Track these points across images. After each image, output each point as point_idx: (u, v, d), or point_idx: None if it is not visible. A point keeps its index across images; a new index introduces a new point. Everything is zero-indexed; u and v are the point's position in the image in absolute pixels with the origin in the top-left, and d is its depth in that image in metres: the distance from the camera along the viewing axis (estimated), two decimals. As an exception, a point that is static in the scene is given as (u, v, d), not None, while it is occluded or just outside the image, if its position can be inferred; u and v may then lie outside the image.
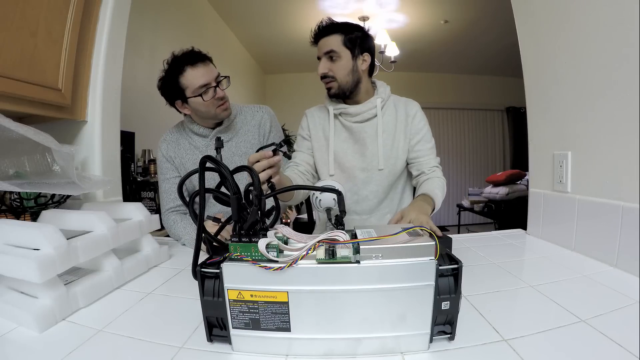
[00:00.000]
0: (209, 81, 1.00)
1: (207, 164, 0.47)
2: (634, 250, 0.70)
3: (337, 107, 1.08)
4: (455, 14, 3.32)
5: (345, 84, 1.02)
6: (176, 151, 1.13)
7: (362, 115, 1.06)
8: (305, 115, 1.17)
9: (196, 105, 1.02)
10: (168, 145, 1.13)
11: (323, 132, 1.11)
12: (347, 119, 1.08)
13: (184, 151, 1.12)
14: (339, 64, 1.00)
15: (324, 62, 1.01)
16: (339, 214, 0.57)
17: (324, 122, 1.11)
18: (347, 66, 1.00)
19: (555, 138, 0.96)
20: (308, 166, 1.12)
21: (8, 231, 0.61)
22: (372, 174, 1.07)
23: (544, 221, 1.00)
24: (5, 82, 0.75)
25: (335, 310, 0.44)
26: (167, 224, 1.12)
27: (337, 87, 1.02)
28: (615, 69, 0.75)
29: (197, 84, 0.99)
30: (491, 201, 3.46)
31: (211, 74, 1.01)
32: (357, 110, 1.05)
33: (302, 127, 1.16)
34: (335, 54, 0.99)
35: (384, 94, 1.08)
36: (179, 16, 2.63)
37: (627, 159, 0.73)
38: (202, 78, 0.99)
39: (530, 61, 1.05)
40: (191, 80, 0.99)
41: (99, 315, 0.59)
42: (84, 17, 0.96)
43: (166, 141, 1.14)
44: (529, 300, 0.62)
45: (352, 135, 1.08)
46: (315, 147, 1.12)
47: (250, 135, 1.16)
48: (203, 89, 0.99)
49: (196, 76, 0.99)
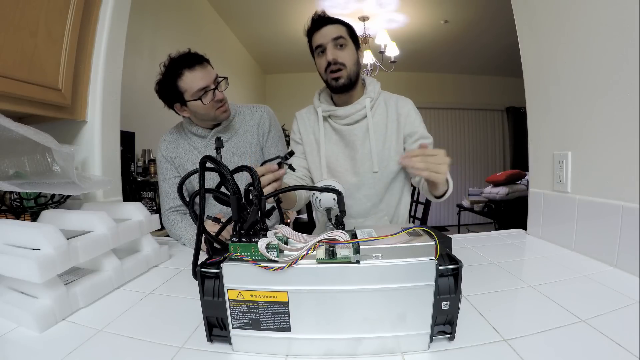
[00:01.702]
0: (208, 84, 0.99)
1: (207, 164, 0.47)
2: (634, 250, 0.70)
3: (325, 110, 1.04)
4: (455, 14, 3.32)
5: (352, 73, 0.98)
6: (175, 151, 1.13)
7: (351, 118, 1.02)
8: (295, 118, 1.14)
9: (195, 108, 1.01)
10: (168, 146, 1.13)
11: (314, 135, 1.08)
12: (336, 121, 1.05)
13: (183, 152, 1.13)
14: (348, 51, 0.97)
15: (331, 49, 0.95)
16: (339, 214, 0.57)
17: (314, 125, 1.08)
18: (354, 56, 0.98)
19: (555, 138, 0.96)
20: (305, 170, 1.10)
21: (8, 231, 0.61)
22: (363, 178, 1.04)
23: (544, 221, 1.00)
24: (5, 82, 0.75)
25: (335, 310, 0.44)
26: (167, 224, 1.12)
27: (347, 76, 0.96)
28: (616, 69, 0.75)
29: (195, 87, 0.98)
30: (491, 201, 3.46)
31: (209, 76, 1.00)
32: (345, 112, 1.02)
33: (293, 131, 1.14)
34: (344, 40, 0.96)
35: (373, 93, 1.03)
36: (179, 16, 2.63)
37: (627, 159, 0.73)
38: (200, 81, 0.98)
39: (530, 61, 1.05)
40: (189, 84, 0.98)
41: (99, 315, 0.59)
42: (84, 17, 0.96)
43: (166, 141, 1.14)
44: (529, 300, 0.62)
45: (342, 139, 1.05)
46: (307, 151, 1.09)
47: (249, 135, 1.15)
48: (202, 92, 0.98)
49: (194, 79, 0.97)
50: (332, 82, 0.98)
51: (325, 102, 1.07)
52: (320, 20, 0.98)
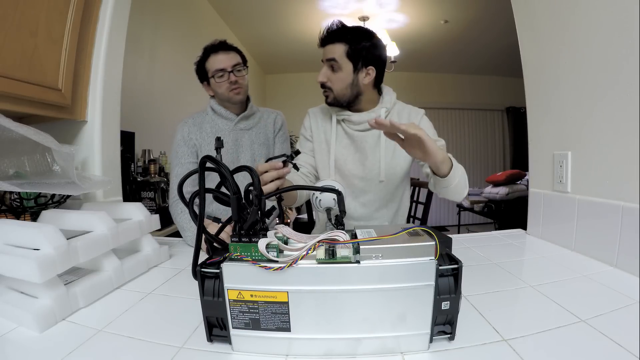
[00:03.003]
0: (226, 67, 1.14)
1: (207, 164, 0.47)
2: (634, 250, 0.70)
3: (340, 113, 1.06)
4: (455, 14, 3.32)
5: (341, 96, 1.00)
6: (199, 133, 1.18)
7: (364, 125, 1.03)
8: (308, 114, 1.16)
9: (214, 86, 1.17)
10: (190, 128, 1.18)
11: (324, 135, 1.10)
12: (349, 126, 1.06)
13: (206, 134, 1.19)
14: (339, 75, 0.97)
15: (324, 70, 0.99)
16: (339, 214, 0.56)
17: (326, 125, 1.10)
18: (347, 79, 0.97)
19: (555, 138, 0.96)
20: (310, 167, 1.11)
21: (8, 231, 0.61)
22: (370, 184, 1.06)
23: (544, 221, 1.00)
24: (5, 82, 0.75)
25: (335, 310, 0.44)
26: (174, 212, 1.12)
27: (333, 97, 1.01)
28: (616, 69, 0.75)
29: (214, 67, 1.14)
30: (491, 201, 3.46)
31: (229, 61, 1.14)
32: (359, 118, 1.03)
33: (304, 126, 1.15)
34: (336, 64, 0.96)
35: (389, 103, 1.05)
36: (179, 16, 2.63)
37: (627, 159, 0.73)
38: (220, 63, 1.14)
39: (530, 61, 1.05)
40: (211, 65, 1.15)
41: (99, 315, 0.59)
42: (84, 17, 0.96)
43: (188, 124, 1.19)
44: (529, 300, 0.62)
45: (353, 143, 1.06)
46: (316, 149, 1.11)
47: (268, 129, 1.28)
48: (219, 72, 1.13)
49: (215, 61, 1.15)
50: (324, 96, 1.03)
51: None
52: (325, 37, 0.98)
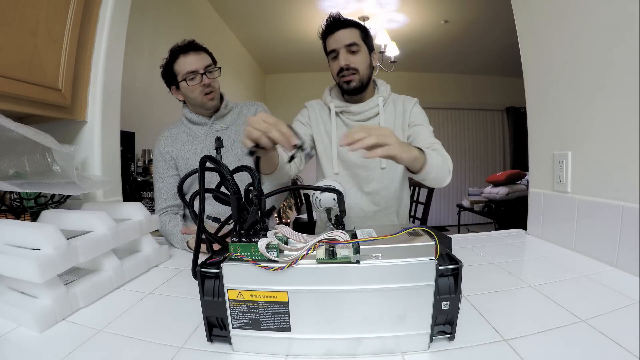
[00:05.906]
0: (198, 69, 1.05)
1: (207, 164, 0.47)
2: (634, 250, 0.70)
3: (338, 105, 1.07)
4: (455, 14, 3.32)
5: (365, 77, 1.01)
6: (174, 145, 1.13)
7: (363, 114, 1.06)
8: (305, 107, 1.15)
9: (185, 90, 1.08)
10: (165, 141, 1.14)
11: (324, 127, 1.11)
12: (348, 117, 1.08)
13: (182, 144, 1.13)
14: (361, 56, 0.99)
15: (344, 55, 0.98)
16: (339, 214, 0.57)
17: (325, 118, 1.11)
18: (366, 60, 1.01)
19: (555, 138, 0.96)
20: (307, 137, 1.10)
21: (8, 231, 0.61)
22: (372, 172, 1.07)
23: (544, 221, 1.00)
24: (5, 82, 0.75)
25: (335, 310, 0.44)
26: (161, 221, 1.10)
27: (359, 80, 1.00)
28: (615, 69, 0.75)
29: (185, 70, 1.05)
30: (491, 201, 3.46)
31: (201, 62, 1.06)
32: (358, 109, 1.05)
33: (302, 114, 1.15)
34: (357, 46, 0.98)
35: (385, 93, 1.08)
36: (179, 16, 2.63)
37: (627, 159, 0.73)
38: (191, 65, 1.05)
39: (530, 61, 1.05)
40: (182, 67, 1.06)
41: (99, 315, 0.59)
42: (84, 17, 0.96)
43: (163, 137, 1.15)
44: (529, 300, 0.62)
45: None
46: (316, 139, 1.11)
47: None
48: (191, 75, 1.05)
49: (186, 63, 1.06)
50: (344, 85, 1.02)
51: (337, 98, 1.10)
52: (334, 23, 0.99)
